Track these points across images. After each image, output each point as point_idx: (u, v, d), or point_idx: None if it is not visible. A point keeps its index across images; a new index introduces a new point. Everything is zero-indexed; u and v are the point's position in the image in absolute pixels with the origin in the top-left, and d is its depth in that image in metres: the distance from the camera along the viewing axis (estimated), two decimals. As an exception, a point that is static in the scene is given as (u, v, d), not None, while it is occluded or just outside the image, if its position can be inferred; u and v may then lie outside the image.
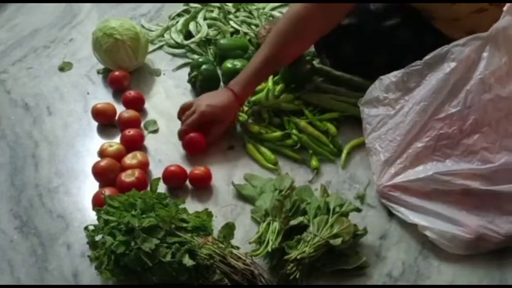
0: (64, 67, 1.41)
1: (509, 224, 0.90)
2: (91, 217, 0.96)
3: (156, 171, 1.09)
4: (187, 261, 0.82)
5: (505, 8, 0.88)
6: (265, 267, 0.88)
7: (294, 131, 1.14)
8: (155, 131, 1.21)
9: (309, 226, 0.90)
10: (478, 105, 0.92)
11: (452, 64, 0.93)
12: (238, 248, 0.88)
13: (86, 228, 0.94)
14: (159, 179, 0.99)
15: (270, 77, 1.24)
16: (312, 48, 1.31)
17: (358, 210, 0.95)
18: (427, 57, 0.97)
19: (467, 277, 0.89)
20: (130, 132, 1.14)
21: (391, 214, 0.99)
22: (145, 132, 1.20)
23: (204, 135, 1.12)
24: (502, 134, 0.92)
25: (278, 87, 1.24)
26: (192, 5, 1.59)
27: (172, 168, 1.06)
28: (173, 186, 1.06)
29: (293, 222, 0.92)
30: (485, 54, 0.91)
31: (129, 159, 1.08)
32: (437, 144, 0.95)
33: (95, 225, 0.91)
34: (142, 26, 1.55)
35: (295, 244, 0.87)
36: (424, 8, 1.13)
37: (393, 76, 1.03)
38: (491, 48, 0.91)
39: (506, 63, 0.90)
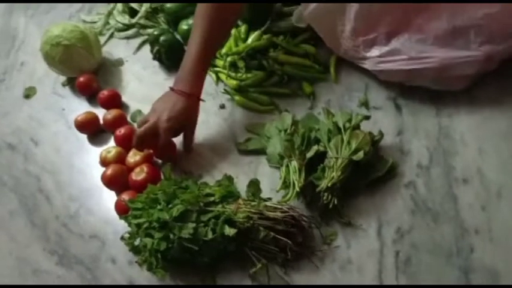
0: (29, 93, 1.36)
1: None
2: (122, 225, 0.95)
3: (162, 158, 1.08)
4: (229, 231, 0.83)
5: None
6: (302, 208, 0.89)
7: (276, 66, 1.11)
8: (144, 120, 1.18)
9: (328, 152, 0.90)
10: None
11: None
12: (270, 199, 0.89)
13: (121, 238, 0.94)
14: (169, 165, 0.98)
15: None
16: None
17: (367, 117, 0.94)
18: None
19: (492, 140, 0.90)
20: (121, 131, 1.12)
21: (399, 109, 0.99)
22: (135, 125, 1.17)
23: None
24: None
25: (242, 29, 1.19)
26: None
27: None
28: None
29: (309, 154, 0.91)
30: None
31: (132, 157, 1.06)
32: None
33: (129, 232, 0.91)
34: (84, 21, 1.47)
35: (321, 174, 0.87)
36: None
37: None
38: None
39: None
